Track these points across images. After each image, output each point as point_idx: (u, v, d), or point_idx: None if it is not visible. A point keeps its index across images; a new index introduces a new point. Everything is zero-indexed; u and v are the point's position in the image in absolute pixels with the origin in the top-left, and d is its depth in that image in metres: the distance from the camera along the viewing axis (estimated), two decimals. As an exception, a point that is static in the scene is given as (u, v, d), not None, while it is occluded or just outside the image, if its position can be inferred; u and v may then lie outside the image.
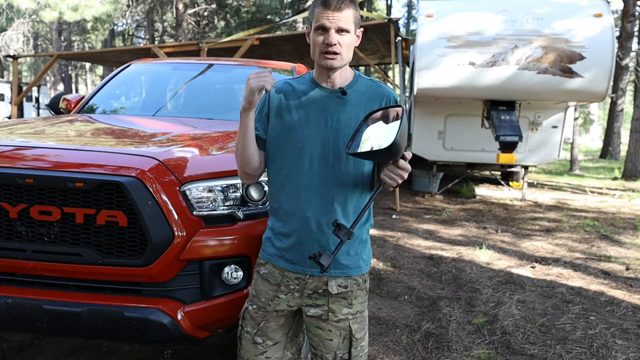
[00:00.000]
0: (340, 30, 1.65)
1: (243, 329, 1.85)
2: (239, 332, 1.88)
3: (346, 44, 1.67)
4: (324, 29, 1.65)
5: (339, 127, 1.70)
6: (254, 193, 2.16)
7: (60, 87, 25.30)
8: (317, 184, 1.70)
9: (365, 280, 1.83)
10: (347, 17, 1.64)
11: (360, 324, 1.82)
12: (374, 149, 1.55)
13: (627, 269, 4.85)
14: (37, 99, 21.01)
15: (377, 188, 1.67)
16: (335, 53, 1.66)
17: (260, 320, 1.81)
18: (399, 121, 1.56)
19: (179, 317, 2.01)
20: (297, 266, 1.75)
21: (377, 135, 1.57)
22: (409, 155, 1.61)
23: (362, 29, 1.76)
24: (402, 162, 1.58)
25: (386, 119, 1.61)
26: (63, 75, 26.28)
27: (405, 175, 1.60)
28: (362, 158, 1.64)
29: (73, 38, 27.26)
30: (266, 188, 2.08)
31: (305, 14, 12.28)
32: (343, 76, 1.74)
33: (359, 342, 1.81)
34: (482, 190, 9.88)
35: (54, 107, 3.91)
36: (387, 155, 1.55)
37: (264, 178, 1.87)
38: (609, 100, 17.49)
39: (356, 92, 1.74)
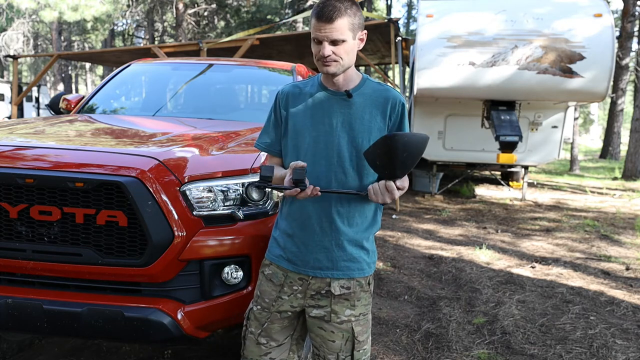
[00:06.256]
0: (334, 42, 1.63)
1: (247, 329, 1.86)
2: (243, 332, 1.88)
3: (343, 51, 1.66)
4: (318, 41, 1.65)
5: (343, 129, 1.72)
6: (254, 193, 2.16)
7: (60, 87, 25.32)
8: (321, 185, 1.71)
9: (369, 283, 1.82)
10: (340, 27, 1.62)
11: (363, 326, 1.81)
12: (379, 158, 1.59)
13: (627, 269, 4.85)
14: (37, 99, 21.01)
15: (357, 191, 1.69)
16: (333, 61, 1.66)
17: (264, 321, 1.81)
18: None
19: (179, 317, 2.01)
20: (300, 267, 1.76)
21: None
22: (401, 184, 1.62)
23: (365, 31, 1.74)
24: (391, 185, 1.60)
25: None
26: (63, 75, 26.28)
27: (387, 200, 1.63)
28: (368, 160, 1.66)
29: (73, 38, 27.26)
30: (267, 188, 2.08)
31: (305, 13, 12.28)
32: (347, 79, 1.74)
33: (362, 345, 1.80)
34: (482, 190, 9.88)
35: (54, 107, 3.91)
36: (388, 168, 1.59)
37: None
38: (609, 100, 17.50)
39: (362, 94, 1.74)
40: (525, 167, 8.88)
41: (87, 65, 33.03)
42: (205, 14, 21.91)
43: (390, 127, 1.75)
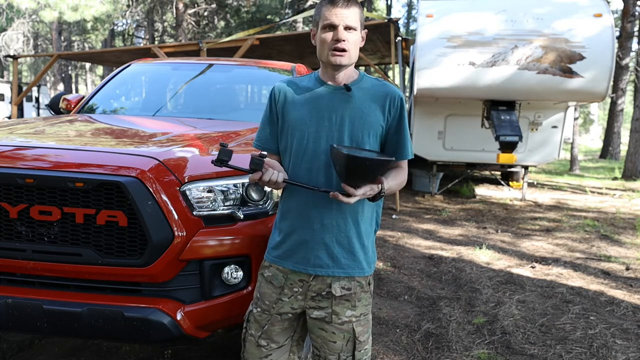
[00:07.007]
0: (347, 28, 1.68)
1: (247, 331, 1.85)
2: (242, 335, 1.88)
3: (353, 41, 1.70)
4: (332, 27, 1.67)
5: (343, 124, 1.72)
6: (254, 193, 2.16)
7: (60, 87, 25.32)
8: (321, 181, 1.71)
9: (369, 283, 1.83)
10: (354, 15, 1.68)
11: (364, 326, 1.81)
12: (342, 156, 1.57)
13: (627, 269, 4.85)
14: (37, 99, 21.01)
15: (323, 189, 1.67)
16: (344, 50, 1.68)
17: (265, 323, 1.80)
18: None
19: (179, 317, 2.01)
20: (300, 266, 1.75)
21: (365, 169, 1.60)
22: (353, 197, 1.60)
23: (366, 30, 1.78)
24: (349, 189, 1.58)
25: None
26: (63, 75, 26.29)
27: (337, 197, 1.60)
28: (333, 157, 1.65)
29: (73, 38, 27.26)
30: (266, 188, 2.08)
31: (305, 13, 12.26)
32: (348, 75, 1.76)
33: (363, 345, 1.80)
34: (482, 190, 9.88)
35: (54, 107, 3.91)
36: (347, 170, 1.58)
37: None
38: (609, 100, 17.51)
39: (361, 89, 1.76)
40: (525, 167, 8.88)
41: (87, 65, 33.03)
42: (205, 14, 21.91)
43: (390, 121, 1.76)
